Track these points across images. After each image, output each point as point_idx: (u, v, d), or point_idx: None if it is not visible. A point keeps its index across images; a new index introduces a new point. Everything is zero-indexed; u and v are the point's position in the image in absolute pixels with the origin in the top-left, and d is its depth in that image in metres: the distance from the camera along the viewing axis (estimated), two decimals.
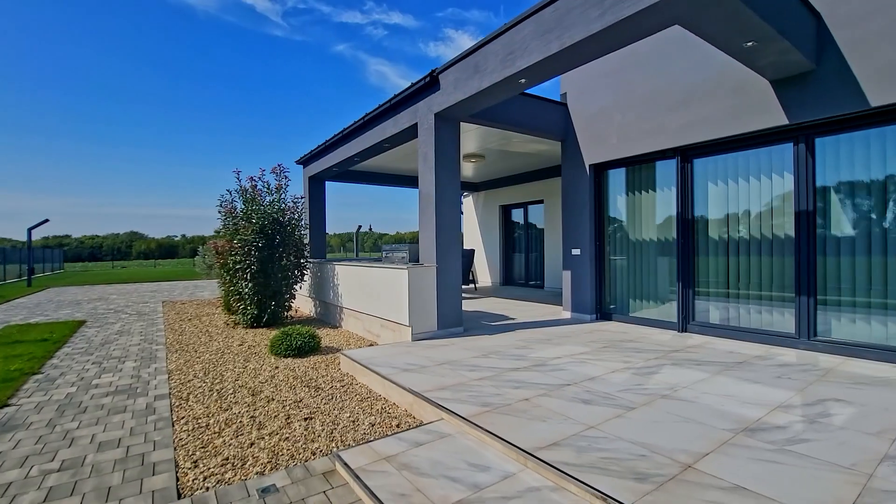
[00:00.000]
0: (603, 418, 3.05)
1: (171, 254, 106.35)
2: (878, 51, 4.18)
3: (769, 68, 4.56)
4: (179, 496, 2.53)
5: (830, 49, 4.47)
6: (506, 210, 13.40)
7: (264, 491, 2.55)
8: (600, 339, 5.59)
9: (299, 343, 5.65)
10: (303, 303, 10.16)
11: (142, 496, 2.53)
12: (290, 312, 8.83)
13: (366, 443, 2.99)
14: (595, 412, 3.17)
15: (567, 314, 7.24)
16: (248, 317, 7.55)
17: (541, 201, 11.97)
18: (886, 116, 4.29)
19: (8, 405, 4.09)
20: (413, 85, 6.07)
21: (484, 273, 13.94)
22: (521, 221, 12.98)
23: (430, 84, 5.86)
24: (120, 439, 3.31)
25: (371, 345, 6.19)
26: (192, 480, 2.70)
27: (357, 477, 2.53)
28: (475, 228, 14.29)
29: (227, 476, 2.74)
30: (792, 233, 4.97)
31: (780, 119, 4.84)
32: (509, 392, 3.63)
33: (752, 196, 5.35)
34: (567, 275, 7.27)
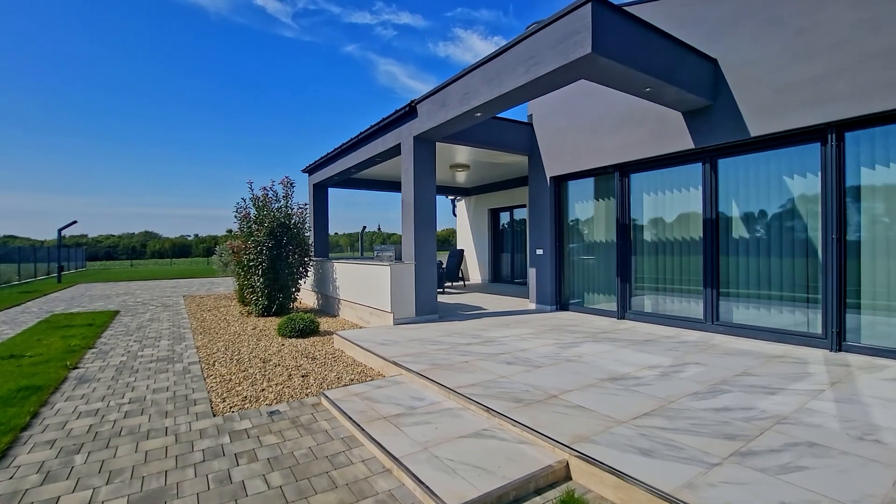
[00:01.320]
0: (514, 373, 4.21)
1: (184, 253, 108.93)
2: (754, 93, 5.27)
3: (673, 104, 5.67)
4: (214, 415, 3.75)
5: (723, 88, 5.56)
6: (494, 213, 14.53)
7: (271, 413, 3.76)
8: (549, 324, 6.73)
9: (301, 326, 6.87)
10: (307, 296, 11.41)
11: (189, 415, 3.75)
12: (295, 304, 10.07)
13: (343, 387, 4.19)
14: (511, 369, 4.33)
15: (532, 306, 8.38)
16: (260, 307, 8.80)
17: (525, 205, 13.08)
18: (762, 144, 5.37)
19: (77, 367, 5.36)
20: (397, 112, 7.26)
21: (475, 271, 15.09)
22: (508, 223, 14.11)
23: (409, 112, 7.05)
24: (167, 387, 4.54)
25: (360, 328, 7.39)
26: (222, 408, 3.91)
27: (333, 403, 3.72)
28: (467, 230, 15.44)
29: (246, 406, 3.95)
30: (701, 236, 6.06)
31: (690, 143, 5.94)
32: (455, 357, 4.80)
33: (674, 205, 6.45)
34: (532, 271, 8.41)
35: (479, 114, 5.89)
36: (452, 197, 15.89)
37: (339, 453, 3.02)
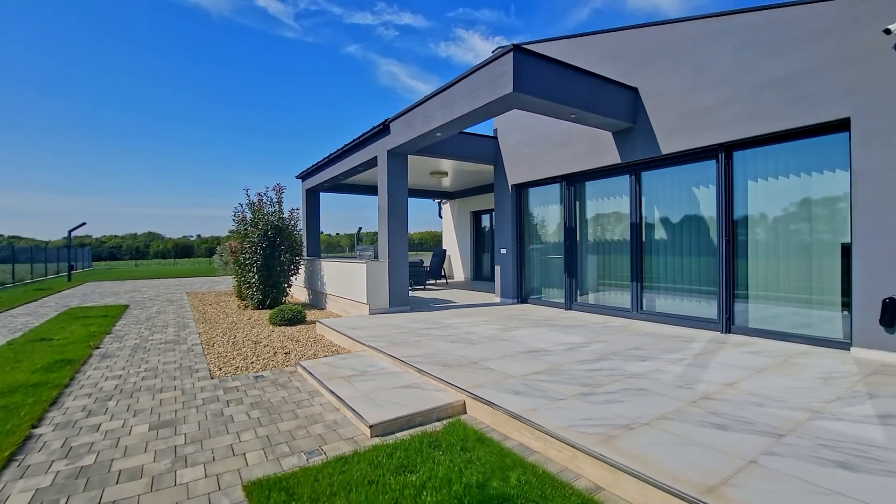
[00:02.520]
0: (454, 348, 5.23)
1: (186, 253, 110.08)
2: (664, 118, 6.28)
3: (600, 126, 6.69)
4: (212, 378, 4.78)
5: (642, 113, 6.58)
6: (476, 215, 15.55)
7: (256, 377, 4.79)
8: (504, 314, 7.75)
9: (290, 315, 7.91)
10: (300, 293, 12.45)
11: (192, 378, 4.78)
12: (287, 298, 11.10)
13: (316, 359, 5.22)
14: (453, 346, 5.35)
15: (497, 300, 9.40)
16: (255, 300, 9.84)
17: None
18: (672, 160, 6.39)
19: (99, 347, 6.40)
20: (374, 128, 8.29)
21: (459, 270, 16.11)
22: (488, 225, 15.12)
23: (383, 129, 8.08)
24: (174, 361, 5.57)
25: (340, 318, 8.42)
26: (218, 374, 4.94)
27: (305, 369, 4.76)
28: (451, 231, 16.46)
29: (237, 373, 4.98)
30: (629, 237, 7.08)
31: (618, 158, 6.95)
32: (411, 338, 5.82)
33: (609, 211, 7.46)
34: (498, 269, 9.43)
35: (438, 133, 6.92)
36: (438, 200, 16.92)
37: (304, 400, 4.05)
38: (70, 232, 20.75)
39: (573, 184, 7.99)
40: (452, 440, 3.05)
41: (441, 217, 17.10)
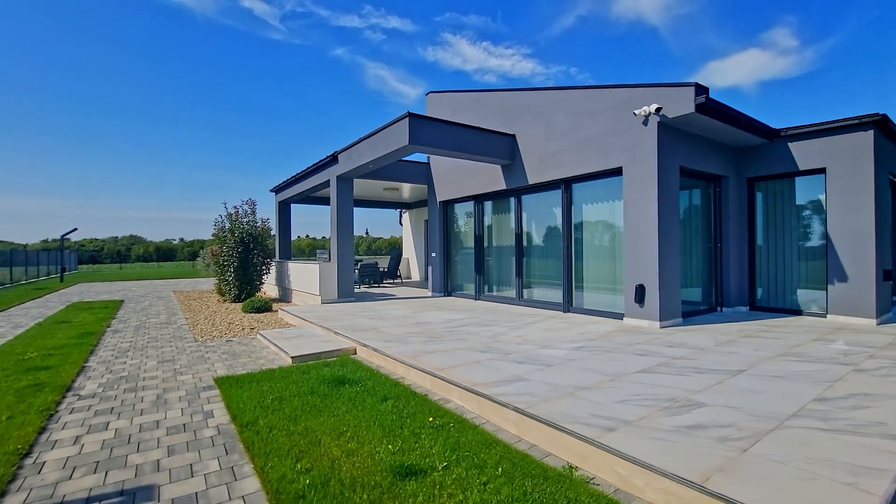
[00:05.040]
0: (369, 322, 7.47)
1: (169, 257, 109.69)
2: (531, 158, 8.66)
3: (489, 162, 9.04)
4: (196, 342, 6.94)
5: (518, 154, 8.95)
6: (427, 224, 17.81)
7: (228, 341, 6.97)
8: (426, 303, 10.02)
9: (259, 305, 10.06)
10: (271, 289, 14.55)
11: (182, 342, 6.94)
12: (260, 294, 13.22)
13: (271, 329, 7.43)
14: (369, 321, 7.59)
15: (429, 293, 11.68)
16: (232, 295, 11.94)
17: None
18: (538, 188, 8.77)
19: (110, 326, 8.48)
20: (326, 158, 10.53)
21: (415, 271, 18.36)
22: None
23: (333, 159, 10.33)
24: (168, 334, 7.70)
25: (298, 306, 10.58)
26: (200, 339, 7.09)
27: (262, 335, 6.95)
28: (410, 237, 18.72)
29: (213, 339, 7.14)
30: (514, 244, 9.42)
31: (505, 185, 9.31)
32: (343, 317, 8.05)
33: (503, 224, 9.81)
34: (430, 269, 11.71)
35: (371, 165, 9.19)
36: (400, 210, 19.17)
37: (256, 350, 6.25)
38: (63, 237, 22.45)
39: (481, 202, 10.34)
40: (338, 362, 5.29)
41: (402, 224, 19.35)
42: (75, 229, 22.91)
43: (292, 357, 5.48)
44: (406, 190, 14.87)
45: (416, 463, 2.80)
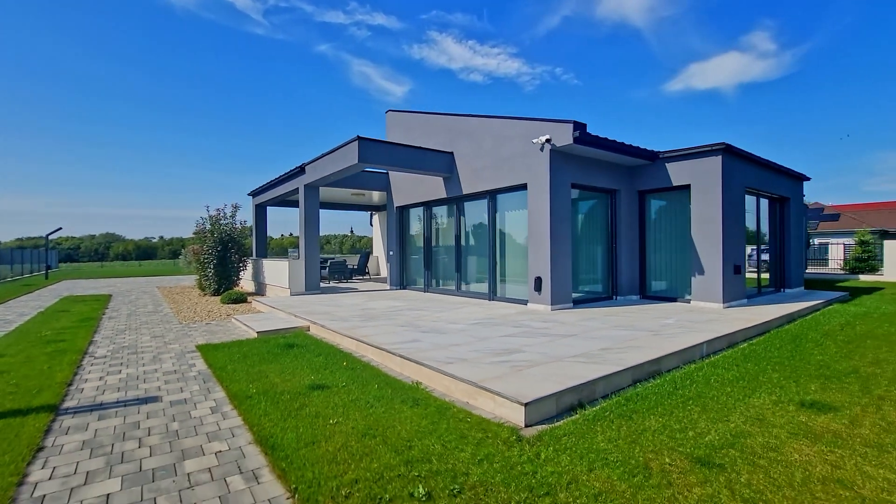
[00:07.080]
0: (326, 309, 9.09)
1: (149, 255, 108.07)
2: (465, 172, 10.39)
3: (432, 175, 10.74)
4: (180, 324, 8.47)
5: (454, 168, 10.67)
6: None
7: (207, 324, 8.52)
8: (381, 295, 11.67)
9: (235, 297, 11.58)
10: (248, 285, 16.00)
11: (170, 324, 8.46)
12: (237, 288, 14.66)
13: (244, 315, 9.00)
14: (326, 308, 9.21)
15: (388, 287, 13.34)
16: (212, 290, 13.40)
17: None
18: (472, 197, 10.50)
19: (105, 314, 9.92)
20: (295, 169, 12.09)
21: (383, 268, 19.95)
22: None
23: (301, 171, 11.91)
24: (156, 319, 9.19)
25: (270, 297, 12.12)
26: (183, 323, 8.62)
27: (236, 319, 8.52)
28: (380, 237, 20.32)
29: (195, 322, 8.68)
30: (454, 244, 11.14)
31: (445, 194, 11.02)
32: (305, 305, 9.65)
33: (447, 228, 11.53)
34: (388, 265, 13.37)
35: (332, 178, 10.80)
36: (371, 212, 20.75)
37: (231, 329, 7.83)
38: (48, 236, 23.40)
39: (430, 208, 12.04)
40: (292, 335, 6.93)
41: (372, 225, 20.94)
42: (60, 228, 23.84)
43: (257, 332, 7.09)
44: (375, 195, 16.48)
45: (326, 383, 4.48)
